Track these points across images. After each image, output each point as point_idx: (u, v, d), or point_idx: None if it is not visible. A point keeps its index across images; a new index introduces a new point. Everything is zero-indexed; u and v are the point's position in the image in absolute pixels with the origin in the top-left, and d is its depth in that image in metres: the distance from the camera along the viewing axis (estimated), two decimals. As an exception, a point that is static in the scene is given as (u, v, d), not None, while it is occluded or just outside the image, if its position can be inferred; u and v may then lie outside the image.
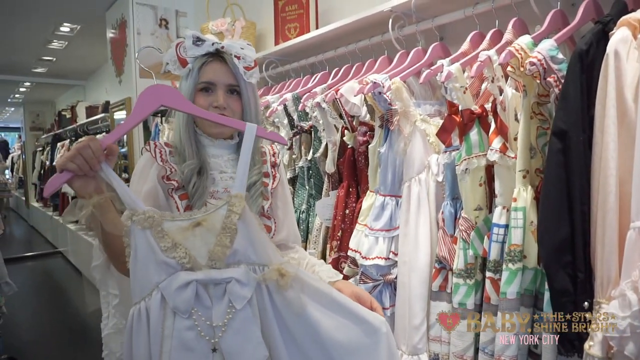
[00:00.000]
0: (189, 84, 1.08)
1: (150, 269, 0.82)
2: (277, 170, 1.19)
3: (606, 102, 0.93)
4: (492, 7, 1.34)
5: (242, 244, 0.84)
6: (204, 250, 0.83)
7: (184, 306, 0.80)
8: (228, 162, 1.13)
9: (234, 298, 0.81)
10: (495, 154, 1.15)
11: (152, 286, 0.82)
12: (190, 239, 0.83)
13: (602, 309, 0.93)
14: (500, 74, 1.20)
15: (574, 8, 1.20)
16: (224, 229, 0.83)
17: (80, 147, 0.83)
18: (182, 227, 0.83)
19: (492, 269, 1.16)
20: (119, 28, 3.38)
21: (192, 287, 0.80)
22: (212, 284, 0.82)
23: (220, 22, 2.54)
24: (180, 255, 0.82)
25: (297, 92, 1.90)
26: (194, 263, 0.82)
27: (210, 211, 0.85)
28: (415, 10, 1.52)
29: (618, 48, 0.92)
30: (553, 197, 1.00)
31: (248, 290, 0.82)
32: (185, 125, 1.09)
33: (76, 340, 3.39)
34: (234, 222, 0.83)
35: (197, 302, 0.81)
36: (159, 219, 0.83)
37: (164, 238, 0.82)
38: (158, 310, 0.80)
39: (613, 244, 0.93)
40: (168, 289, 0.80)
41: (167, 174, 1.06)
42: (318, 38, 1.97)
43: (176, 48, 1.10)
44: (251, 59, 1.10)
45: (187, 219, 0.84)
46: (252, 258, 0.85)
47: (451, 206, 1.30)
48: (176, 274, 0.81)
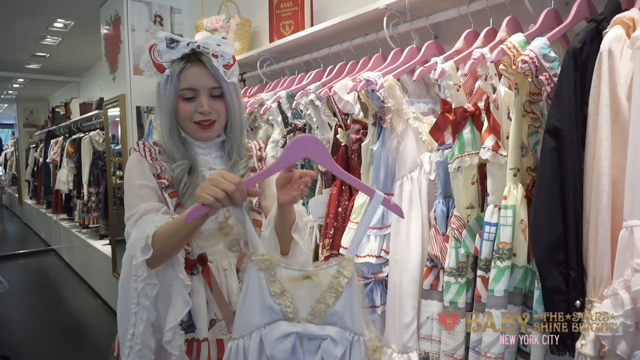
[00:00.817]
0: (169, 91, 1.05)
1: (256, 310, 0.84)
2: (264, 164, 1.19)
3: (600, 100, 0.93)
4: (486, 5, 1.34)
5: (343, 307, 0.85)
6: (308, 303, 0.85)
7: (281, 356, 0.82)
8: (216, 159, 1.14)
9: (327, 356, 0.83)
10: (488, 152, 1.15)
11: (254, 327, 0.84)
12: (298, 289, 0.85)
13: (595, 307, 0.93)
14: (494, 72, 1.20)
15: (568, 7, 1.20)
16: (330, 288, 0.85)
17: (230, 191, 0.84)
18: (292, 277, 0.86)
19: (484, 267, 1.15)
20: (113, 24, 3.35)
21: (292, 339, 0.83)
22: (307, 338, 0.84)
23: (215, 19, 2.53)
24: (286, 304, 0.84)
25: (291, 90, 1.89)
26: (296, 314, 0.85)
27: (321, 267, 0.87)
28: (410, 8, 1.51)
29: (612, 46, 0.91)
30: (546, 196, 1.00)
31: (340, 350, 0.84)
32: (169, 133, 1.07)
33: (69, 338, 3.37)
34: (341, 284, 0.85)
35: (292, 354, 0.84)
36: (275, 263, 0.86)
37: (274, 283, 0.85)
38: (256, 353, 0.83)
39: (606, 243, 0.92)
40: (269, 337, 0.83)
41: (157, 172, 1.07)
42: (313, 35, 1.96)
43: (150, 52, 1.06)
44: (229, 56, 1.08)
45: (299, 270, 0.86)
46: (347, 323, 0.86)
47: (443, 204, 1.30)
48: (277, 324, 0.84)
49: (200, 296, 1.06)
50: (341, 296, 0.84)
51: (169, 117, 1.07)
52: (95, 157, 4.61)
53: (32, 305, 4.19)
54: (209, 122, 1.08)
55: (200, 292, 1.07)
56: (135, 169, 1.07)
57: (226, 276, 1.12)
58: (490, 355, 1.10)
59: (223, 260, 1.12)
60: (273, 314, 0.84)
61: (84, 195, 4.71)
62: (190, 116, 1.07)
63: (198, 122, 1.08)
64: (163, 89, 1.07)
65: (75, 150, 4.96)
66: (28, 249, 6.30)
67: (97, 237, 4.51)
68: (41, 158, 6.46)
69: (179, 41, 1.05)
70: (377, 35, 1.68)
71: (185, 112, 1.07)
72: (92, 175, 4.60)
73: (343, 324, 0.85)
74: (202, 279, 1.08)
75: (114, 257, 3.70)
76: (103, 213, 4.31)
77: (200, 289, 1.07)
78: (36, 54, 5.46)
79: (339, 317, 0.85)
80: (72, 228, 5.09)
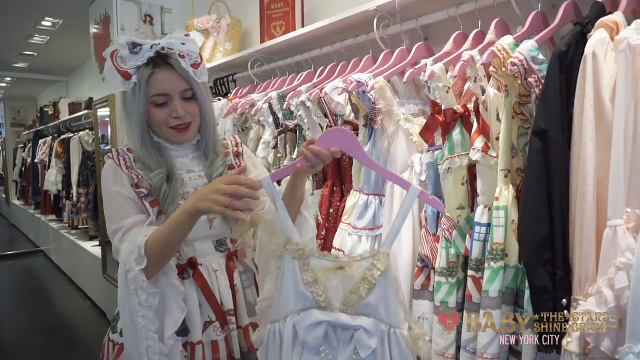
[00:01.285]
0: (139, 99, 1.01)
1: (290, 296, 0.87)
2: (242, 159, 1.18)
3: (584, 102, 0.95)
4: (474, 7, 1.35)
5: (376, 299, 0.86)
6: (340, 293, 0.86)
7: (313, 343, 0.85)
8: (193, 160, 1.12)
9: (360, 346, 0.84)
10: (477, 153, 1.16)
11: (288, 312, 0.87)
12: (331, 279, 0.86)
13: (580, 305, 0.95)
14: (483, 74, 1.21)
15: (555, 9, 1.22)
16: (363, 280, 0.86)
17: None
18: (325, 267, 0.87)
19: (474, 267, 1.17)
20: (102, 23, 3.33)
21: (323, 327, 0.85)
22: (341, 327, 0.86)
23: (206, 19, 2.52)
24: (318, 292, 0.86)
25: (282, 91, 1.90)
26: (328, 303, 0.86)
27: (355, 259, 0.88)
28: (400, 9, 1.53)
29: (596, 49, 0.93)
30: (533, 196, 1.02)
31: (374, 341, 0.84)
32: (140, 140, 1.04)
33: (58, 340, 3.34)
34: (374, 276, 0.85)
35: (326, 341, 0.85)
36: (308, 253, 0.88)
37: (307, 272, 0.87)
38: (290, 337, 0.86)
39: (590, 242, 0.94)
40: (301, 324, 0.85)
41: (135, 181, 1.03)
42: (304, 36, 1.96)
43: (112, 59, 1.01)
44: (196, 54, 1.05)
45: (332, 260, 0.88)
46: (381, 314, 0.86)
47: (434, 205, 1.31)
48: (310, 311, 0.86)
49: (192, 300, 1.06)
50: (374, 288, 0.85)
51: (139, 125, 1.04)
52: (85, 158, 4.57)
53: (20, 307, 4.15)
54: (185, 125, 1.06)
55: (192, 296, 1.06)
56: (112, 178, 1.04)
57: (217, 277, 1.12)
58: (487, 356, 1.11)
59: (212, 262, 1.12)
60: (306, 302, 0.86)
61: (73, 196, 4.66)
62: (165, 121, 1.05)
63: (174, 127, 1.06)
64: (131, 96, 1.02)
65: (64, 151, 4.91)
66: (16, 250, 6.22)
67: (86, 238, 4.47)
68: (29, 158, 6.38)
69: (141, 44, 1.01)
70: (368, 36, 1.69)
71: (159, 118, 1.04)
72: (82, 175, 4.56)
73: (377, 316, 0.86)
74: (194, 282, 1.08)
75: (104, 258, 3.67)
76: (92, 214, 4.28)
77: (192, 292, 1.07)
78: (24, 53, 5.39)
79: (372, 309, 0.86)
80: (61, 229, 5.04)
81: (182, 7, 3.31)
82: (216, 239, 1.13)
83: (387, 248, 0.88)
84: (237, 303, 1.15)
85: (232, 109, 2.12)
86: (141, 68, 1.01)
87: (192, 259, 1.09)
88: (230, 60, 2.42)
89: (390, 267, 0.87)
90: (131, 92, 1.02)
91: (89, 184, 4.49)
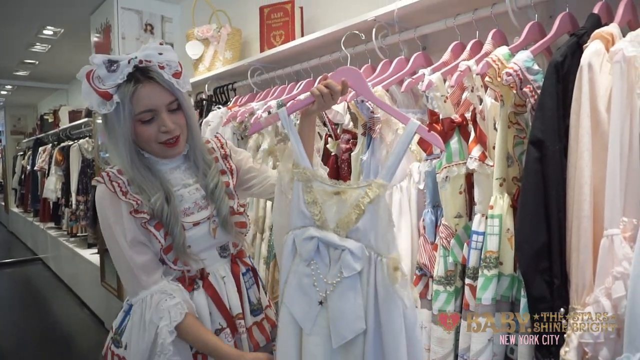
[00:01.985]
0: (124, 118, 0.97)
1: (294, 214, 0.97)
2: (230, 160, 1.16)
3: (580, 112, 0.95)
4: (472, 18, 1.37)
5: (366, 225, 0.92)
6: (336, 216, 0.94)
7: (305, 255, 0.94)
8: (186, 172, 1.12)
9: (344, 265, 0.91)
10: (475, 162, 1.17)
11: (291, 228, 0.98)
12: (328, 202, 0.95)
13: (577, 315, 0.95)
14: (480, 84, 1.23)
15: (551, 20, 1.23)
16: (355, 206, 0.92)
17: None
18: (325, 191, 0.96)
19: (471, 275, 1.17)
20: (103, 32, 3.35)
21: (314, 242, 0.94)
22: (333, 247, 0.93)
23: (206, 29, 2.54)
24: (315, 212, 0.95)
25: (282, 99, 1.91)
26: (323, 223, 0.94)
27: (352, 186, 0.95)
28: (398, 20, 1.54)
29: (591, 60, 0.94)
30: (530, 205, 1.02)
31: (359, 265, 0.91)
32: (131, 162, 1.01)
33: (56, 349, 3.32)
34: (364, 203, 0.92)
35: (318, 257, 0.94)
36: (311, 177, 0.97)
37: (309, 193, 0.96)
38: (290, 248, 0.97)
39: (588, 251, 0.95)
40: (299, 237, 0.96)
41: (135, 207, 1.00)
42: (303, 46, 1.98)
43: (89, 81, 0.96)
44: (176, 63, 1.01)
45: (332, 185, 0.97)
46: (371, 242, 0.92)
47: (432, 213, 1.31)
48: (307, 228, 0.95)
49: (203, 309, 1.07)
50: (364, 215, 0.91)
51: (127, 145, 1.00)
52: (84, 165, 4.57)
53: (18, 316, 4.13)
54: (175, 139, 1.03)
55: (203, 306, 1.07)
56: (112, 214, 1.00)
57: (225, 283, 1.12)
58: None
59: (219, 269, 1.13)
60: (306, 220, 0.96)
61: (72, 204, 4.66)
62: (154, 138, 1.01)
63: (164, 142, 1.03)
64: (115, 117, 0.97)
65: (63, 158, 4.91)
66: (14, 258, 6.19)
67: (85, 246, 4.46)
68: (29, 166, 6.38)
69: (118, 61, 0.97)
70: (366, 46, 1.71)
71: (148, 135, 1.00)
72: (81, 183, 4.56)
73: (367, 242, 0.92)
74: (204, 292, 1.08)
75: (102, 266, 3.66)
76: (91, 222, 4.27)
77: (203, 302, 1.07)
78: (25, 61, 5.42)
79: (362, 235, 0.92)
80: (60, 237, 5.03)
81: (182, 16, 3.34)
82: (220, 245, 1.14)
83: (384, 180, 0.94)
84: (243, 305, 1.16)
85: (231, 118, 2.13)
86: (122, 86, 0.96)
87: (202, 270, 1.10)
88: (230, 69, 2.43)
89: (382, 198, 0.92)
90: (114, 113, 0.97)
91: (89, 191, 4.49)
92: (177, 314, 0.98)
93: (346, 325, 0.90)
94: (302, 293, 0.95)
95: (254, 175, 1.22)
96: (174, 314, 0.98)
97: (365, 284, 0.91)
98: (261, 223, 1.99)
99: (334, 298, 0.91)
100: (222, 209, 1.08)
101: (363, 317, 0.90)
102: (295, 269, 0.96)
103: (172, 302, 0.99)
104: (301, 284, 0.95)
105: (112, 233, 1.01)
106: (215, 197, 1.09)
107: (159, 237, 1.01)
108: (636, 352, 0.83)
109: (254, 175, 1.22)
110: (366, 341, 0.91)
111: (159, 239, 1.02)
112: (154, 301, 0.99)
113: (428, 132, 0.97)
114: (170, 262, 1.04)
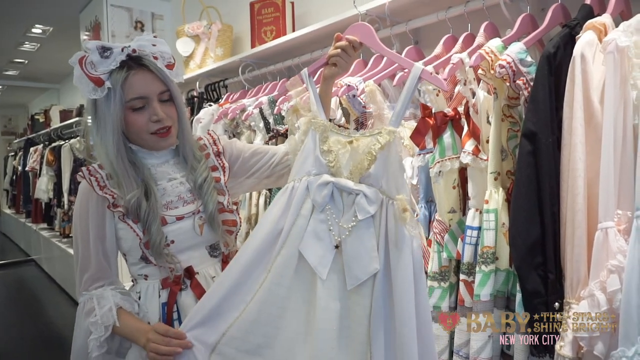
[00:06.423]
0: (114, 105, 0.95)
1: (309, 160, 1.00)
2: (223, 157, 1.14)
3: (573, 104, 0.94)
4: (464, 11, 1.36)
5: (377, 171, 0.95)
6: (349, 164, 0.97)
7: (321, 201, 0.95)
8: (174, 166, 1.09)
9: (358, 209, 0.93)
10: (468, 156, 1.16)
11: (304, 173, 0.99)
12: (342, 151, 0.97)
13: (572, 309, 0.94)
14: (473, 77, 1.21)
15: (543, 12, 1.22)
16: (366, 153, 0.95)
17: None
18: (340, 141, 0.99)
19: (466, 271, 1.16)
20: (93, 30, 3.31)
21: (329, 187, 0.96)
22: (346, 192, 0.96)
23: (197, 25, 2.52)
24: (330, 160, 0.97)
25: (273, 96, 1.89)
26: (337, 170, 0.97)
27: (364, 134, 0.98)
28: (390, 13, 1.52)
29: (584, 51, 0.93)
30: (524, 199, 1.01)
31: (373, 208, 0.93)
32: (116, 154, 0.98)
33: (50, 350, 3.28)
34: (375, 150, 0.95)
35: (332, 203, 0.96)
36: (328, 128, 1.01)
37: (325, 142, 0.99)
38: (303, 192, 0.98)
39: (582, 245, 0.94)
40: (313, 184, 0.97)
41: (111, 202, 0.99)
42: (294, 41, 1.96)
43: (81, 66, 0.95)
44: (169, 55, 1.02)
45: (346, 136, 1.00)
46: (383, 186, 0.95)
47: (425, 209, 1.30)
48: (321, 175, 0.97)
49: (191, 310, 1.02)
50: (375, 161, 0.95)
51: (115, 134, 0.98)
52: (76, 165, 4.51)
53: (11, 317, 4.09)
54: (166, 129, 1.02)
55: (190, 306, 1.03)
56: (84, 210, 1.01)
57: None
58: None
59: (209, 268, 1.10)
60: (321, 167, 0.98)
61: (65, 204, 4.61)
62: (145, 127, 1.00)
63: (155, 132, 1.01)
64: (104, 104, 0.96)
65: (55, 158, 4.86)
66: (7, 259, 6.14)
67: (78, 247, 4.42)
68: (20, 166, 6.31)
69: (112, 48, 0.96)
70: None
71: (139, 124, 0.99)
72: (73, 183, 4.51)
73: (379, 187, 0.95)
74: (191, 292, 1.05)
75: (96, 266, 3.63)
76: (84, 222, 4.23)
77: (191, 302, 1.04)
78: (14, 60, 5.37)
79: (374, 180, 0.95)
80: (53, 237, 4.98)
81: (173, 13, 3.31)
82: (209, 244, 1.11)
83: (394, 127, 0.97)
84: None
85: (223, 115, 2.11)
86: (114, 72, 0.95)
87: (189, 269, 1.06)
88: (221, 66, 2.41)
89: (392, 144, 0.95)
90: (104, 99, 0.96)
91: (81, 191, 4.45)
92: (102, 329, 1.00)
93: (362, 266, 0.92)
94: (317, 239, 0.95)
95: (260, 157, 1.16)
96: (99, 329, 0.99)
97: (377, 227, 0.94)
98: (253, 221, 1.97)
99: (349, 242, 0.94)
100: (209, 205, 1.06)
101: (377, 258, 0.93)
102: (307, 212, 0.97)
103: (101, 312, 1.00)
104: (316, 231, 0.96)
105: (78, 225, 1.03)
106: (203, 192, 1.06)
107: (137, 230, 1.00)
108: (631, 346, 0.83)
109: (259, 158, 1.16)
110: (375, 283, 0.93)
111: (137, 232, 1.00)
112: (86, 309, 1.03)
113: (431, 75, 1.00)
114: (151, 257, 1.01)
